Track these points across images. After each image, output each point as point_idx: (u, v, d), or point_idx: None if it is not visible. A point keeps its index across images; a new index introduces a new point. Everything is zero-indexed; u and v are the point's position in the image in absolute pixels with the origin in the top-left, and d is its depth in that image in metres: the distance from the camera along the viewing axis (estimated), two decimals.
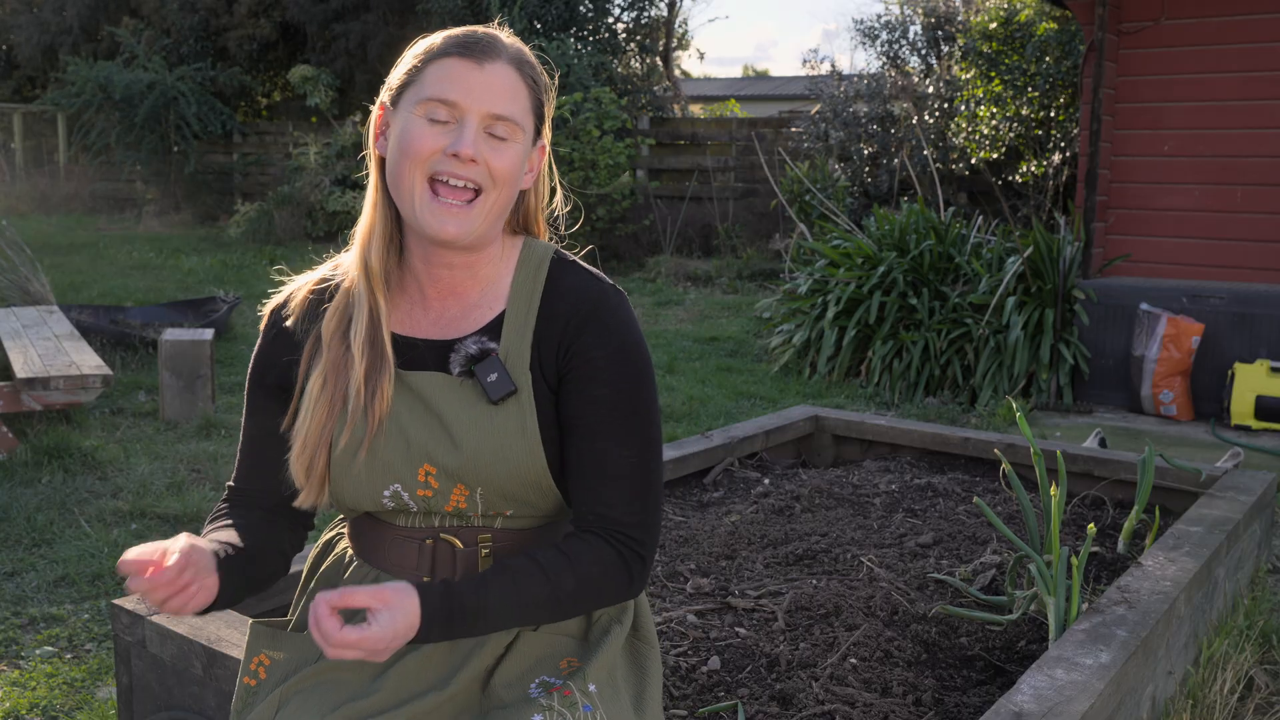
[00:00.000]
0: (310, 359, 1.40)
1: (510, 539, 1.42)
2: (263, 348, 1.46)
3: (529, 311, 1.38)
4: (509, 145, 1.33)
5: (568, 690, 1.34)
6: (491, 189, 1.32)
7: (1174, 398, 5.33)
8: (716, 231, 11.00)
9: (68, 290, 8.73)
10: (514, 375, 1.35)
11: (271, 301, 1.47)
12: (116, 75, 14.62)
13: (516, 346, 1.37)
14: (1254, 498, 2.92)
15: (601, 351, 1.35)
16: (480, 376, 1.35)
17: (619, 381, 1.35)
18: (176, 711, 1.92)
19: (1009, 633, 2.29)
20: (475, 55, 1.31)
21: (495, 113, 1.31)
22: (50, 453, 4.37)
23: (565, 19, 12.60)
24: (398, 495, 1.38)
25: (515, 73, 1.34)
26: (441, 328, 1.40)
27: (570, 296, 1.38)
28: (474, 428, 1.34)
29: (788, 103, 18.39)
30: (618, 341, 1.36)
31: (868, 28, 10.92)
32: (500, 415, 1.35)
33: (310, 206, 12.88)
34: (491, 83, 1.31)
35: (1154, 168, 5.85)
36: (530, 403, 1.35)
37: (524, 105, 1.34)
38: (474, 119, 1.30)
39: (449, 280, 1.39)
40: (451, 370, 1.37)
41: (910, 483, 3.31)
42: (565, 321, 1.36)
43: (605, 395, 1.35)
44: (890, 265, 6.28)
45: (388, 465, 1.36)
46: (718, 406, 5.65)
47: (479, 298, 1.41)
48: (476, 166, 1.30)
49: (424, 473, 1.36)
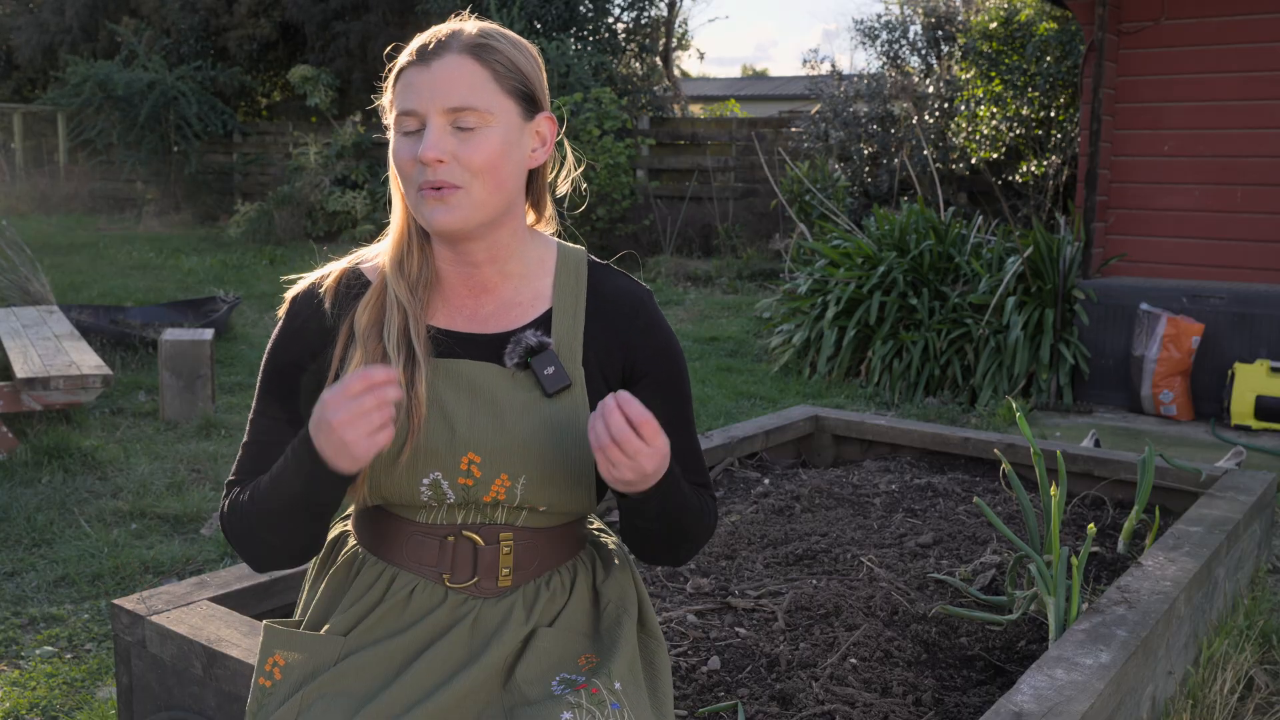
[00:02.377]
0: (344, 352, 1.40)
1: (531, 538, 1.43)
2: (284, 335, 1.44)
3: (576, 311, 1.44)
4: (480, 133, 1.33)
5: (595, 688, 1.34)
6: (473, 180, 1.33)
7: (1174, 398, 5.33)
8: (716, 231, 11.00)
9: (68, 290, 8.73)
10: (568, 370, 1.41)
11: (293, 290, 1.47)
12: (117, 75, 14.61)
13: (568, 343, 1.42)
14: (1254, 498, 2.92)
15: (662, 351, 1.48)
16: (537, 369, 1.39)
17: (678, 378, 1.50)
18: (176, 711, 1.92)
19: (1009, 633, 2.29)
20: (424, 58, 1.34)
21: (450, 106, 1.32)
22: (50, 453, 4.37)
23: (565, 19, 12.60)
24: (437, 484, 1.38)
25: (470, 60, 1.34)
26: (480, 323, 1.43)
27: (618, 298, 1.47)
28: (527, 414, 1.37)
29: (788, 103, 18.40)
30: (673, 342, 1.50)
31: (868, 28, 10.92)
32: (553, 406, 1.39)
33: (310, 206, 12.88)
34: (439, 78, 1.32)
35: (1154, 168, 5.85)
36: (584, 397, 1.40)
37: (489, 89, 1.34)
38: (434, 119, 1.32)
39: (478, 278, 1.43)
40: (507, 362, 1.39)
41: (910, 483, 3.31)
42: (625, 325, 1.46)
43: (671, 392, 1.48)
44: (890, 265, 6.28)
45: (430, 454, 1.37)
46: (718, 406, 5.66)
47: (513, 295, 1.44)
48: (447, 165, 1.32)
49: (467, 461, 1.37)
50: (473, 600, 1.42)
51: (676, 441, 1.45)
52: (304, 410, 1.42)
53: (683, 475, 1.47)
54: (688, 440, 1.51)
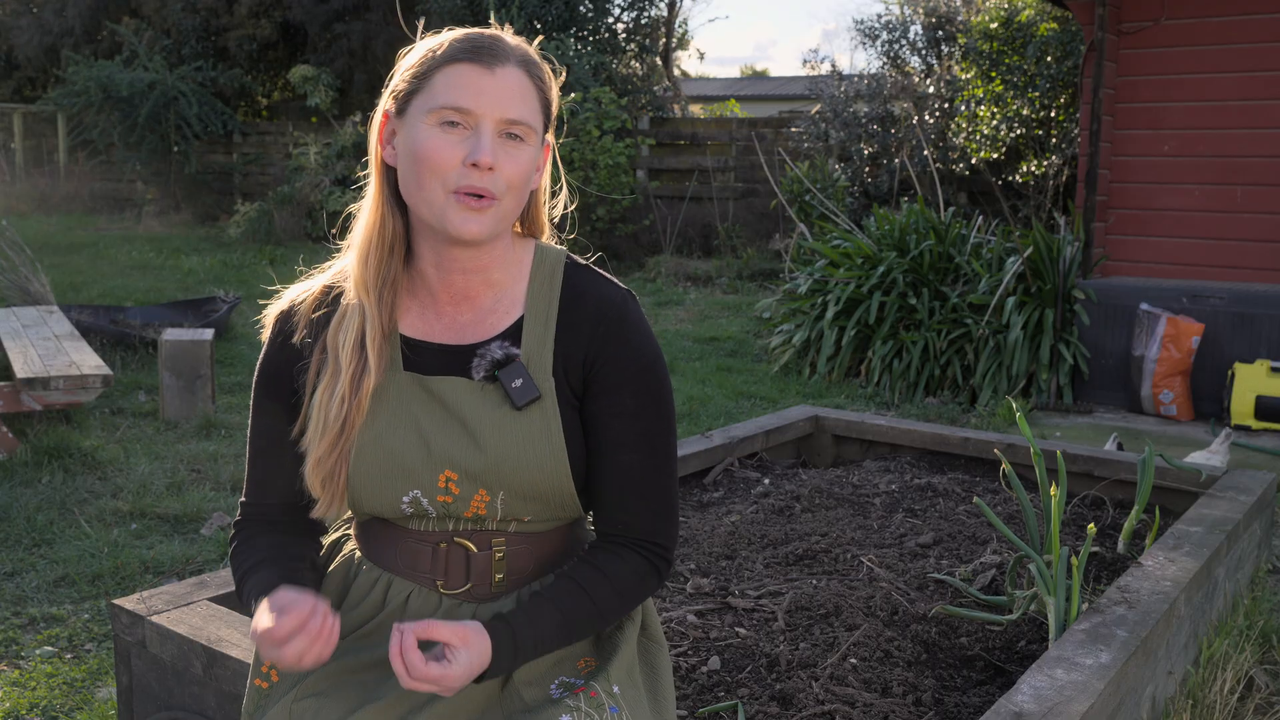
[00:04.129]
0: (318, 369, 1.39)
1: (524, 543, 1.43)
2: (269, 355, 1.45)
3: (548, 318, 1.39)
4: (523, 148, 1.33)
5: (594, 691, 1.34)
6: (507, 193, 1.32)
7: (1174, 398, 5.33)
8: (716, 231, 11.00)
9: (68, 290, 8.73)
10: (537, 381, 1.37)
11: (274, 308, 1.46)
12: (117, 75, 14.62)
13: (538, 353, 1.38)
14: (1254, 498, 2.92)
15: (627, 364, 1.38)
16: (505, 382, 1.35)
17: (644, 394, 1.39)
18: (176, 711, 1.92)
19: (1009, 633, 2.29)
20: (485, 60, 1.31)
21: (509, 117, 1.31)
22: (50, 453, 4.37)
23: (565, 19, 12.60)
24: (417, 501, 1.38)
25: (524, 74, 1.34)
26: (456, 333, 1.40)
27: (591, 305, 1.39)
28: (497, 431, 1.35)
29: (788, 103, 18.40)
30: (643, 354, 1.39)
31: (868, 28, 10.93)
32: (524, 420, 1.36)
33: (310, 206, 12.88)
34: (503, 87, 1.31)
35: (1154, 168, 5.85)
36: (554, 408, 1.37)
37: (534, 106, 1.34)
38: (489, 125, 1.30)
39: (462, 285, 1.39)
40: (474, 375, 1.37)
41: (910, 483, 3.31)
42: (590, 331, 1.38)
43: (631, 407, 1.38)
44: (890, 265, 6.28)
45: (408, 471, 1.36)
46: (718, 406, 5.65)
47: (492, 303, 1.41)
48: (494, 174, 1.30)
49: (444, 478, 1.36)
50: (468, 605, 1.42)
51: (637, 470, 1.38)
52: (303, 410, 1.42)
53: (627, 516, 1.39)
54: (649, 468, 1.39)
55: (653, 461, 1.39)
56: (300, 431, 1.40)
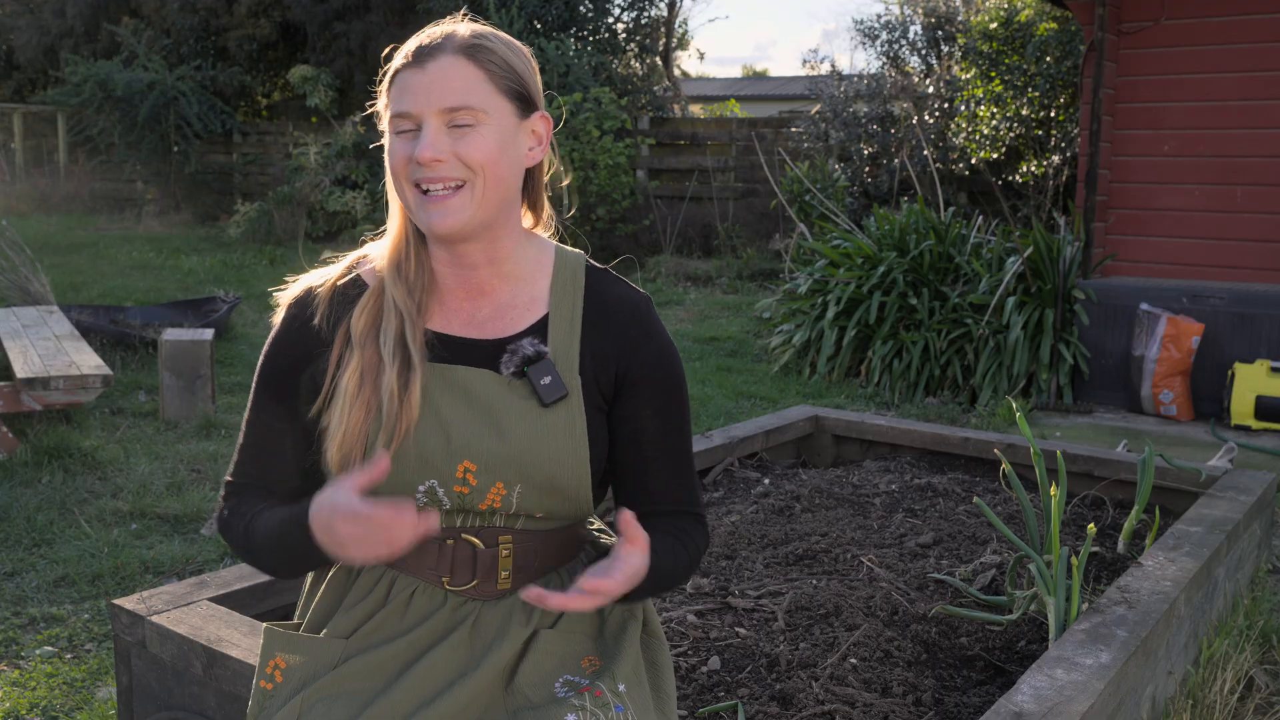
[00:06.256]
0: (341, 355, 1.40)
1: (530, 541, 1.43)
2: (281, 338, 1.45)
3: (573, 318, 1.43)
4: (477, 130, 1.34)
5: (599, 691, 1.35)
6: (475, 177, 1.34)
7: (1174, 398, 5.33)
8: (716, 231, 11.00)
9: (68, 290, 8.73)
10: (564, 379, 1.40)
11: (289, 293, 1.47)
12: (117, 75, 14.61)
13: (564, 351, 1.41)
14: (1254, 498, 2.92)
15: (660, 364, 1.46)
16: (534, 378, 1.38)
17: (674, 389, 1.48)
18: (176, 711, 1.92)
19: (1009, 633, 2.29)
20: (418, 60, 1.35)
21: (447, 106, 1.33)
22: (50, 453, 4.37)
23: (565, 19, 12.60)
24: (433, 491, 1.38)
25: (465, 61, 1.35)
26: (477, 327, 1.43)
27: (618, 308, 1.46)
28: (523, 423, 1.37)
29: (788, 103, 18.40)
30: (670, 352, 1.48)
31: (868, 28, 10.93)
32: (549, 416, 1.38)
33: (310, 206, 12.88)
34: (435, 79, 1.33)
35: (1154, 168, 5.85)
36: (580, 407, 1.40)
37: (484, 89, 1.35)
38: (430, 120, 1.33)
39: (475, 280, 1.42)
40: (503, 370, 1.39)
41: (910, 483, 3.31)
42: (620, 334, 1.44)
43: (665, 401, 1.47)
44: (890, 265, 6.28)
45: (426, 461, 1.37)
46: (718, 406, 5.66)
47: (510, 298, 1.44)
48: (445, 164, 1.33)
49: (463, 469, 1.37)
50: (473, 603, 1.42)
51: (664, 457, 1.47)
52: (302, 409, 1.42)
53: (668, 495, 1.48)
54: (678, 458, 1.49)
55: (686, 444, 1.50)
56: (318, 416, 1.41)
